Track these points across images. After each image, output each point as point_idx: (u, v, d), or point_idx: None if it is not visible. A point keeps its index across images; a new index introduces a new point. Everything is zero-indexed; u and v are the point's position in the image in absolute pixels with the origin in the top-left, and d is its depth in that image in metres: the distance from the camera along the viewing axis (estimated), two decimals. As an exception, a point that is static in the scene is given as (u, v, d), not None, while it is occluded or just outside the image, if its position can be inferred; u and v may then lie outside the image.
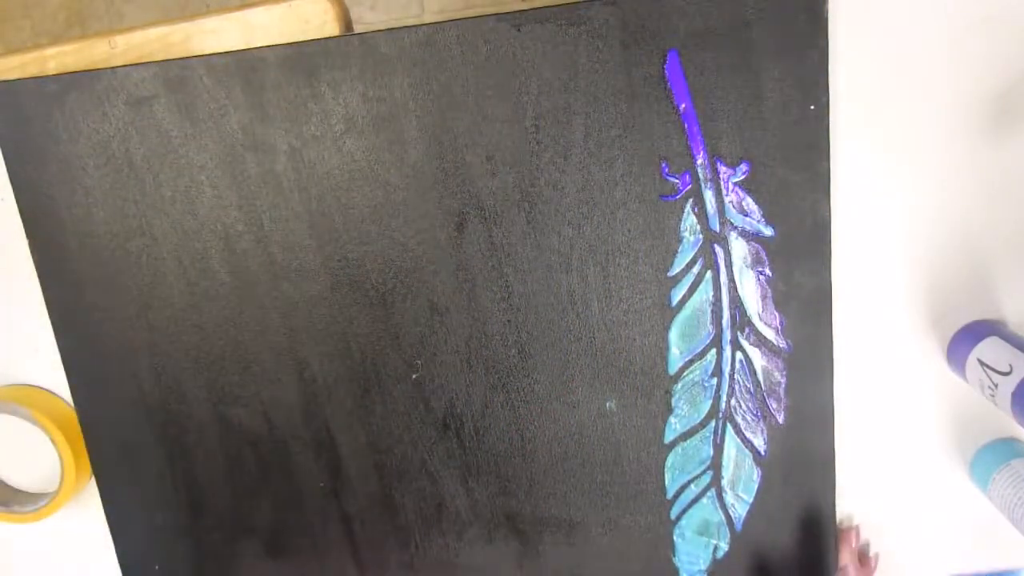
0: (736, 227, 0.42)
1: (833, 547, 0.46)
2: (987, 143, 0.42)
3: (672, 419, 0.45)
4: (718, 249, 0.42)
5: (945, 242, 0.43)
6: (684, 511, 0.46)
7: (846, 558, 0.46)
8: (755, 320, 0.43)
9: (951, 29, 0.41)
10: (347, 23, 0.54)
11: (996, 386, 0.39)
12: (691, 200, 0.42)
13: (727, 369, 0.44)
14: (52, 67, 0.59)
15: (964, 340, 0.42)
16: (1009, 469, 0.42)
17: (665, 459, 0.46)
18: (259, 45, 0.42)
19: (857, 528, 0.47)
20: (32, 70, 0.59)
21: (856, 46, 0.41)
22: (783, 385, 0.44)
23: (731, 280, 0.43)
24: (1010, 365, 0.39)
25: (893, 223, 0.43)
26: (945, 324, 0.44)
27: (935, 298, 0.44)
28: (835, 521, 0.45)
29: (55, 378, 0.49)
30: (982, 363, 0.40)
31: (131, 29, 0.60)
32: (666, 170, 0.42)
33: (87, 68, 0.43)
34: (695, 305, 0.43)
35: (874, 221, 0.43)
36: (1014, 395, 0.38)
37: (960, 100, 0.42)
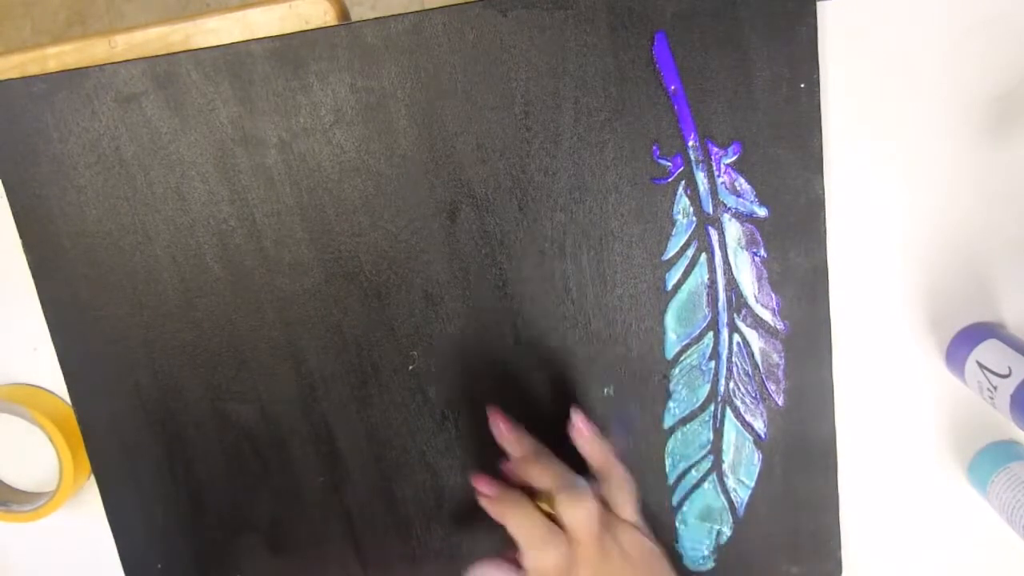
0: (729, 208, 0.42)
1: (836, 528, 0.45)
2: (987, 145, 0.41)
3: (671, 404, 0.45)
4: (712, 231, 0.42)
5: (944, 245, 0.43)
6: (685, 497, 0.46)
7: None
8: (751, 302, 0.43)
9: (951, 30, 0.40)
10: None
11: (995, 388, 0.39)
12: (683, 182, 0.42)
13: (725, 352, 0.44)
14: (52, 66, 0.59)
15: (963, 342, 0.42)
16: (1008, 472, 0.42)
17: (665, 445, 0.45)
18: (247, 39, 0.42)
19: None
20: (32, 69, 0.60)
21: (855, 47, 0.41)
22: (782, 367, 0.44)
23: (726, 262, 0.42)
24: (1009, 368, 0.39)
25: (892, 226, 0.43)
26: (944, 327, 0.44)
27: (934, 301, 0.44)
28: (838, 501, 0.45)
29: (52, 377, 0.49)
30: (981, 365, 0.40)
31: (131, 28, 0.60)
32: (657, 153, 0.41)
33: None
34: (690, 288, 0.43)
35: (873, 221, 0.43)
36: (1013, 398, 0.38)
37: (960, 102, 0.41)
